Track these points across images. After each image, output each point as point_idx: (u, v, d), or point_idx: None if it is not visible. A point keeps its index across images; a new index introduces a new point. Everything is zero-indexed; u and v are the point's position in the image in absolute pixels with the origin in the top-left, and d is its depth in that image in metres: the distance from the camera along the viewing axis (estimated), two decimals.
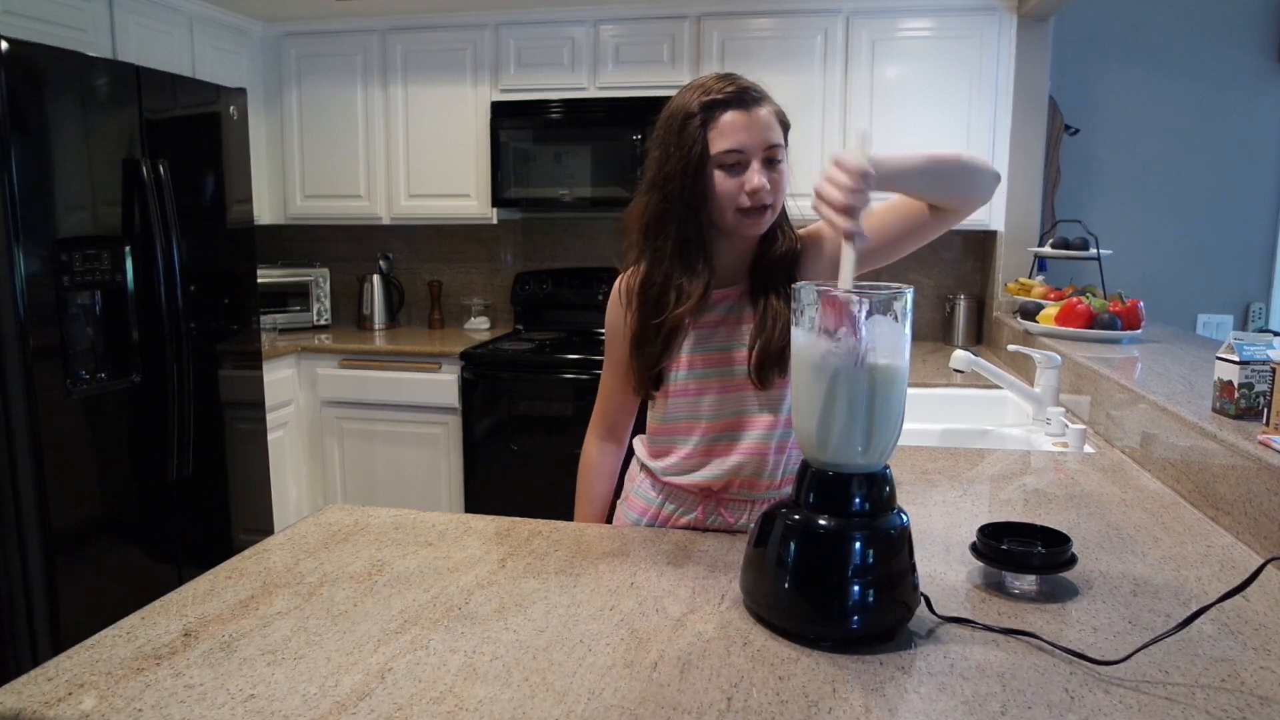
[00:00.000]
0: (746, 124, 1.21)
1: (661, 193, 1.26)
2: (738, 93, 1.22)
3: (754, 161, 1.22)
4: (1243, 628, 1.01)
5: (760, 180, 1.21)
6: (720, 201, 1.23)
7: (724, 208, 1.24)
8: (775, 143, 1.23)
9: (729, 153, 1.21)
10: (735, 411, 1.33)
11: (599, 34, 3.43)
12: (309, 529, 1.34)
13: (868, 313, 0.96)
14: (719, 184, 1.23)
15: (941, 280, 3.62)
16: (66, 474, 2.33)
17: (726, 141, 1.21)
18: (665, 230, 1.27)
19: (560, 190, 3.47)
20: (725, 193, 1.23)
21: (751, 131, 1.21)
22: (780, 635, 0.98)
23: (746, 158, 1.22)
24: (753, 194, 1.22)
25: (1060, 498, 1.53)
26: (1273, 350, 1.46)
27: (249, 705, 0.84)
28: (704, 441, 1.35)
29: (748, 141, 1.21)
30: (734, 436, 1.33)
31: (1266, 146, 3.35)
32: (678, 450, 1.37)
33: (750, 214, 1.24)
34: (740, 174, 1.22)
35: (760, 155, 1.22)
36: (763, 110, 1.23)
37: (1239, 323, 3.45)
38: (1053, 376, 2.20)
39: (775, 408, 1.32)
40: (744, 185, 1.22)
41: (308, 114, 3.72)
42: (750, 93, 1.23)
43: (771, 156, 1.23)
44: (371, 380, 3.46)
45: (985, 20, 3.16)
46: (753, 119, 1.22)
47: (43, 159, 2.25)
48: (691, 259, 1.27)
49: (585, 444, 1.55)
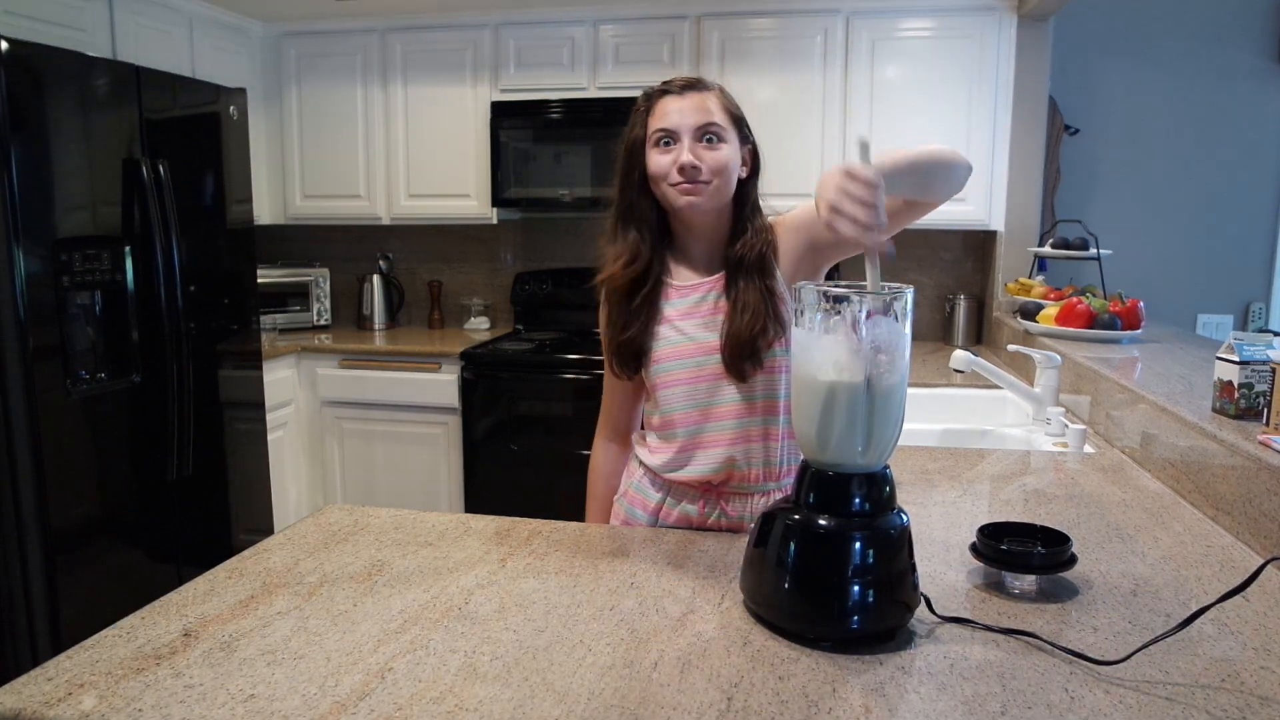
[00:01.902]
0: (679, 106, 1.29)
1: (617, 181, 1.37)
2: (681, 84, 1.31)
3: (685, 139, 1.28)
4: (1243, 628, 1.01)
5: (688, 156, 1.27)
6: (655, 177, 1.31)
7: (659, 183, 1.31)
8: (710, 121, 1.28)
9: (658, 131, 1.29)
10: (713, 402, 1.34)
11: (599, 34, 3.43)
12: (309, 529, 1.34)
13: (868, 313, 0.96)
14: (652, 161, 1.30)
15: (941, 280, 3.62)
16: (66, 474, 2.33)
17: (658, 122, 1.29)
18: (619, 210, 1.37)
19: (560, 190, 3.47)
20: (658, 168, 1.30)
21: (684, 113, 1.28)
22: (780, 635, 0.98)
23: (676, 136, 1.28)
24: (681, 169, 1.27)
25: (1060, 498, 1.53)
26: (1273, 350, 1.46)
27: (249, 705, 0.84)
28: (690, 434, 1.35)
29: (679, 121, 1.28)
30: (717, 428, 1.34)
31: (1266, 146, 3.35)
32: (669, 445, 1.38)
33: (683, 188, 1.29)
34: (671, 151, 1.29)
35: (692, 134, 1.28)
36: (702, 95, 1.30)
37: (1239, 323, 3.45)
38: (1053, 376, 2.20)
39: (751, 395, 1.33)
40: (674, 161, 1.28)
41: (307, 114, 3.72)
42: (695, 84, 1.31)
43: (708, 134, 1.28)
44: (371, 380, 3.46)
45: (985, 20, 3.16)
46: (686, 101, 1.29)
47: (43, 159, 2.25)
48: (638, 229, 1.35)
49: (593, 446, 1.58)
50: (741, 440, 1.33)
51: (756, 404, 1.33)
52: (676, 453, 1.37)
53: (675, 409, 1.36)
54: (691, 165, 1.27)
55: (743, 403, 1.33)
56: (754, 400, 1.33)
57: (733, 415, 1.33)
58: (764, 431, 1.34)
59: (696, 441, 1.35)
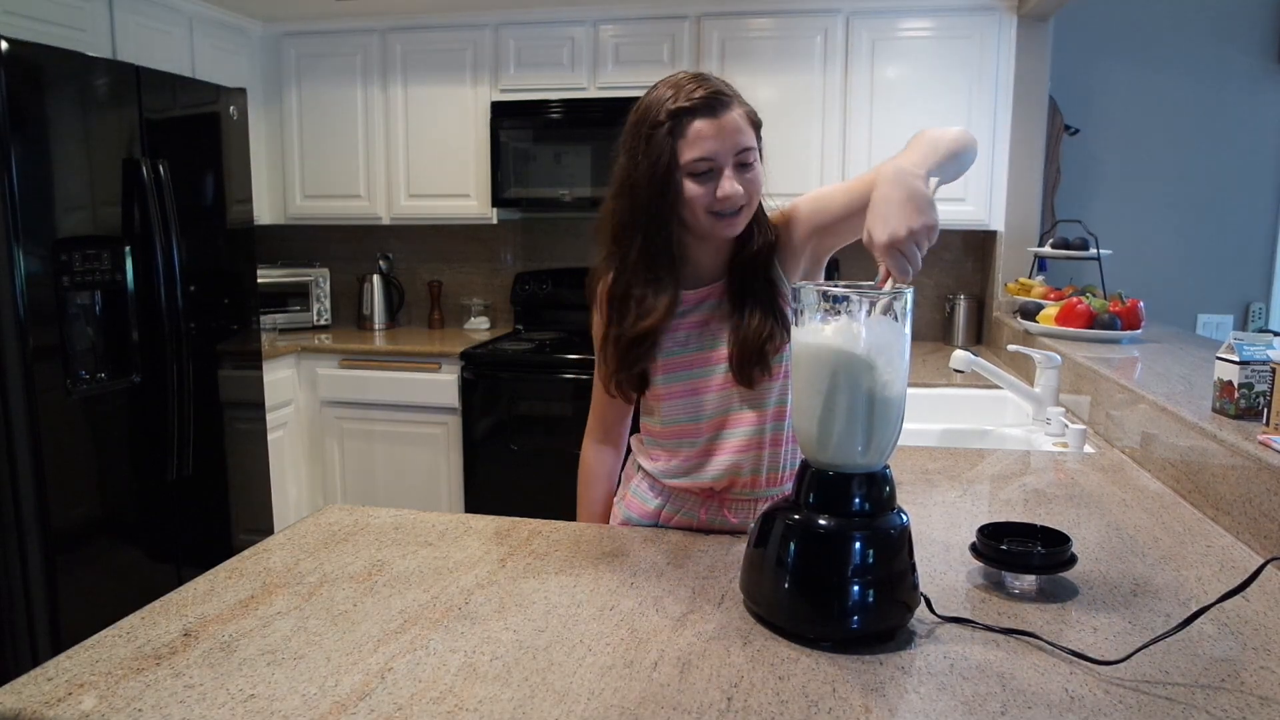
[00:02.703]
0: (716, 131, 1.18)
1: (629, 200, 1.24)
2: (706, 100, 1.19)
3: (726, 168, 1.20)
4: (1243, 628, 1.01)
5: (733, 187, 1.19)
6: (692, 207, 1.21)
7: (696, 213, 1.22)
8: (746, 146, 1.21)
9: (699, 161, 1.19)
10: (722, 411, 1.32)
11: (599, 34, 3.43)
12: (309, 529, 1.34)
13: (867, 313, 0.96)
14: (690, 192, 1.20)
15: (941, 280, 3.62)
16: (66, 474, 2.33)
17: (696, 151, 1.18)
18: (632, 239, 1.26)
19: (560, 190, 3.47)
20: (697, 199, 1.20)
21: (721, 139, 1.18)
22: (780, 635, 0.98)
23: (718, 165, 1.19)
24: (726, 200, 1.20)
25: (1060, 498, 1.53)
26: (1273, 350, 1.46)
27: (249, 705, 0.84)
28: (696, 443, 1.34)
29: (718, 150, 1.18)
30: (725, 436, 1.33)
31: (1266, 146, 3.35)
32: (672, 453, 1.37)
33: (724, 217, 1.22)
34: (712, 181, 1.20)
35: (731, 161, 1.20)
36: (732, 114, 1.20)
37: (1239, 323, 3.45)
38: (1053, 376, 2.20)
39: (760, 404, 1.31)
40: (716, 192, 1.20)
41: (307, 114, 3.72)
42: (720, 98, 1.20)
43: (743, 160, 1.21)
44: (371, 380, 3.46)
45: (985, 20, 3.16)
46: (722, 125, 1.19)
47: (43, 159, 2.25)
48: (657, 269, 1.26)
49: (583, 449, 1.55)
50: (752, 447, 1.32)
51: (767, 411, 1.31)
52: (681, 461, 1.36)
53: (681, 419, 1.34)
54: (739, 195, 1.20)
55: (752, 410, 1.31)
56: (765, 408, 1.31)
57: (742, 424, 1.31)
58: (773, 438, 1.32)
59: (703, 450, 1.34)
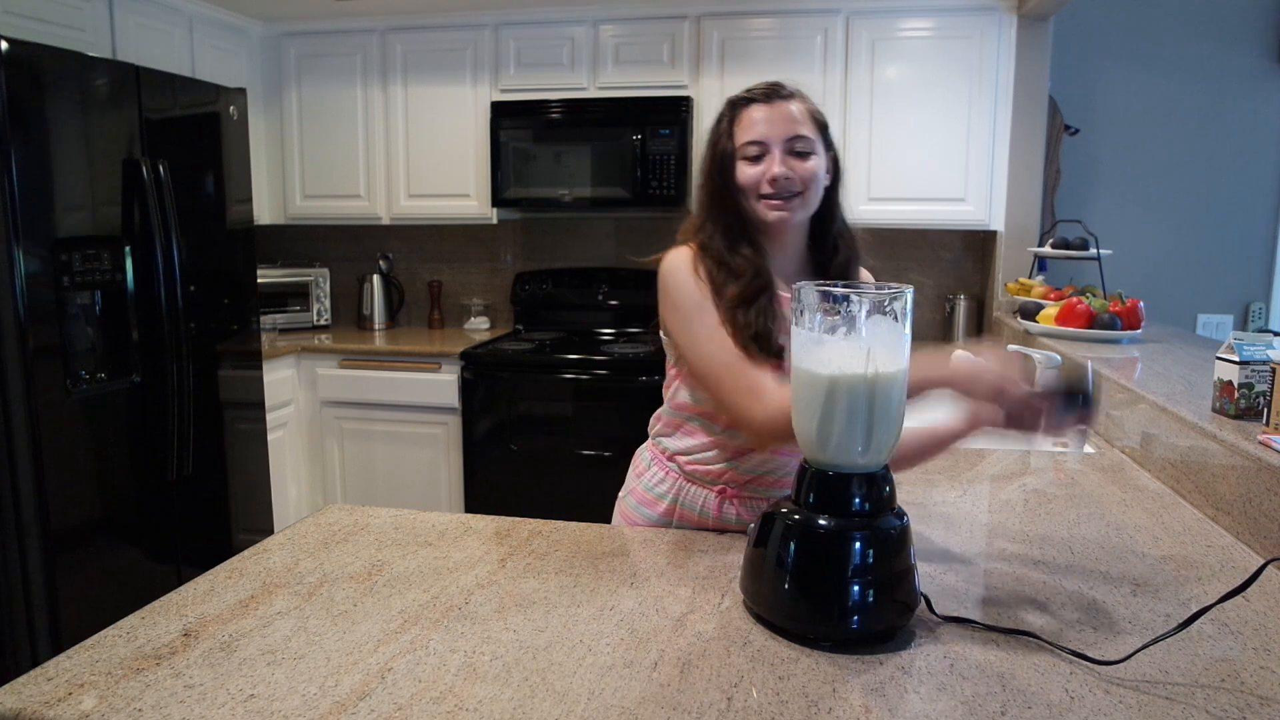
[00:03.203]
0: (768, 116, 1.25)
1: (705, 189, 1.33)
2: (765, 89, 1.27)
3: (775, 150, 1.25)
4: (1243, 628, 1.01)
5: (780, 169, 1.24)
6: (745, 189, 1.27)
7: (749, 195, 1.27)
8: (799, 134, 1.25)
9: (749, 144, 1.26)
10: None
11: (599, 34, 3.43)
12: (309, 529, 1.34)
13: (867, 313, 0.96)
14: (741, 173, 1.27)
15: (941, 280, 3.62)
16: (66, 474, 2.33)
17: (747, 134, 1.26)
18: (712, 222, 1.32)
19: (560, 190, 3.47)
20: (748, 181, 1.27)
21: (772, 123, 1.25)
22: (780, 635, 0.98)
23: (767, 148, 1.25)
24: (773, 181, 1.24)
25: (1060, 498, 1.53)
26: (1273, 350, 1.46)
27: (249, 705, 0.84)
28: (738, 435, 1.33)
29: (768, 133, 1.25)
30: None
31: (1266, 146, 3.35)
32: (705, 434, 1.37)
33: (774, 199, 1.26)
34: (763, 164, 1.26)
35: (781, 145, 1.25)
36: (790, 105, 1.26)
37: (1239, 323, 3.45)
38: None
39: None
40: (765, 173, 1.25)
41: (307, 114, 3.72)
42: (779, 89, 1.27)
43: (797, 148, 1.25)
44: (371, 380, 3.45)
45: (985, 20, 3.16)
46: (775, 111, 1.25)
47: (43, 159, 2.25)
48: (736, 244, 1.29)
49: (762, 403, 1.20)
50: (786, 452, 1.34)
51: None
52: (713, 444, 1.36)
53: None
54: (785, 177, 1.24)
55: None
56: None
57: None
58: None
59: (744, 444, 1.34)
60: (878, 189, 3.26)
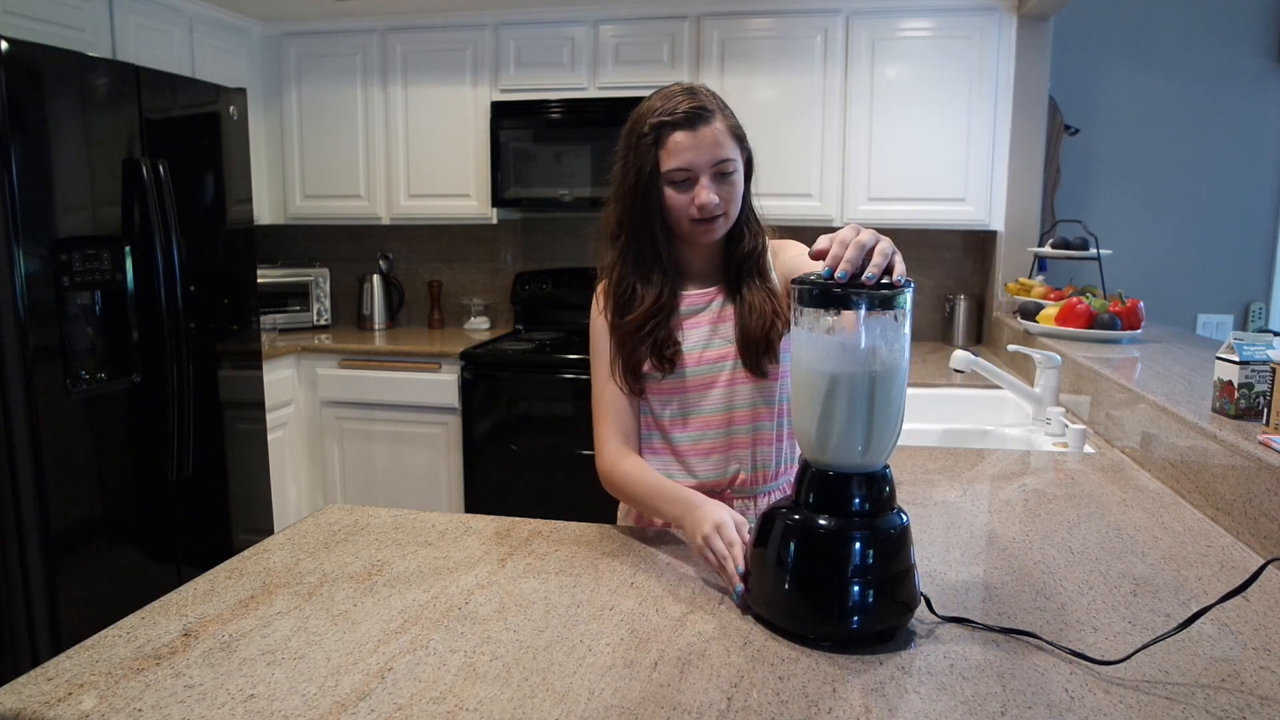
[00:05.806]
0: (694, 144, 1.26)
1: (621, 205, 1.33)
2: (687, 114, 1.27)
3: (702, 177, 1.27)
4: (1243, 628, 1.01)
5: (708, 196, 1.26)
6: (674, 214, 1.30)
7: (678, 220, 1.30)
8: (724, 158, 1.28)
9: (677, 170, 1.27)
10: (730, 407, 1.35)
11: (599, 34, 3.43)
12: (309, 529, 1.34)
13: (867, 310, 0.96)
14: (670, 199, 1.29)
15: (941, 280, 3.62)
16: (66, 474, 2.33)
17: (674, 161, 1.27)
18: (625, 240, 1.34)
19: (560, 190, 3.47)
20: (676, 207, 1.29)
21: (698, 150, 1.26)
22: (780, 635, 0.98)
23: (695, 174, 1.27)
24: (701, 208, 1.27)
25: (1060, 498, 1.53)
26: (1273, 350, 1.46)
27: (249, 705, 0.84)
28: (705, 438, 1.36)
29: (695, 160, 1.26)
30: (733, 433, 1.35)
31: (1266, 146, 3.35)
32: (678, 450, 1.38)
33: (702, 224, 1.29)
34: (690, 190, 1.27)
35: (709, 171, 1.27)
36: (712, 127, 1.27)
37: (1239, 323, 3.45)
38: (1052, 376, 2.20)
39: (770, 399, 1.35)
40: (694, 200, 1.27)
41: (307, 114, 3.72)
42: (701, 112, 1.27)
43: (721, 170, 1.28)
44: (371, 380, 3.45)
45: (985, 20, 3.16)
46: (700, 138, 1.26)
47: (43, 159, 2.25)
48: (647, 267, 1.33)
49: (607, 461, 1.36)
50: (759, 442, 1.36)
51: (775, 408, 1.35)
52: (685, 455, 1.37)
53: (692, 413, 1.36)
54: (714, 203, 1.27)
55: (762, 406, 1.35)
56: (773, 404, 1.35)
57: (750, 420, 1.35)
58: (778, 434, 1.37)
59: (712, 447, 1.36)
60: (878, 189, 3.26)
